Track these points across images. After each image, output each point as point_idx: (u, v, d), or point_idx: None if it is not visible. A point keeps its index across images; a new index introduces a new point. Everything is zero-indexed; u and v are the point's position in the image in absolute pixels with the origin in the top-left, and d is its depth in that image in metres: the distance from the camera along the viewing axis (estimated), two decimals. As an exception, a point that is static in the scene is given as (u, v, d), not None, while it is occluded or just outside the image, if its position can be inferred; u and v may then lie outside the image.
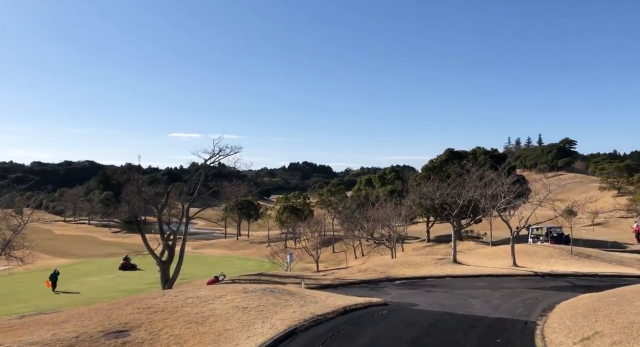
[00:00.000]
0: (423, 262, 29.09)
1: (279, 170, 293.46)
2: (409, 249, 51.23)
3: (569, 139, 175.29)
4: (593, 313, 11.23)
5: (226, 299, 13.51)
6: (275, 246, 52.13)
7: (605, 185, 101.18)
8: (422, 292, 19.67)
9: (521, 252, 30.99)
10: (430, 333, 11.31)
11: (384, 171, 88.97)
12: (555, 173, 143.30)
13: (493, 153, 57.23)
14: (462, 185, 32.34)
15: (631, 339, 8.03)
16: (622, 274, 24.27)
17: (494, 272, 24.89)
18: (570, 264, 27.90)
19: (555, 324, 11.66)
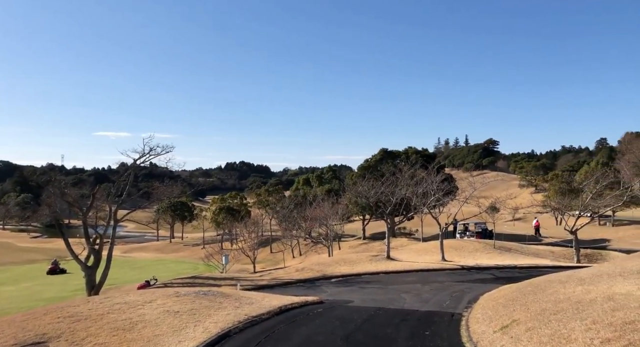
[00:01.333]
0: (358, 259, 29.70)
1: (215, 170, 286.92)
2: (346, 247, 52.15)
3: (492, 140, 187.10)
4: (512, 303, 12.04)
5: (156, 304, 12.99)
6: (210, 248, 50.95)
7: (524, 182, 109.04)
8: (357, 289, 20.08)
9: (449, 247, 32.59)
10: (364, 329, 11.58)
11: (321, 171, 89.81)
12: (480, 172, 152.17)
13: (424, 153, 59.70)
14: (395, 183, 33.38)
15: (542, 325, 8.70)
16: (538, 265, 26.26)
17: (425, 267, 25.93)
18: (493, 257, 29.76)
19: (478, 314, 12.36)
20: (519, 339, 8.59)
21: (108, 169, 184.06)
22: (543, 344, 7.79)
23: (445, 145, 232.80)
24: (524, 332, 8.88)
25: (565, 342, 7.48)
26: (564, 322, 8.47)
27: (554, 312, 9.40)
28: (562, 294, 10.79)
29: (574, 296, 10.30)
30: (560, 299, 10.32)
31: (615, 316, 7.77)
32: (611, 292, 9.72)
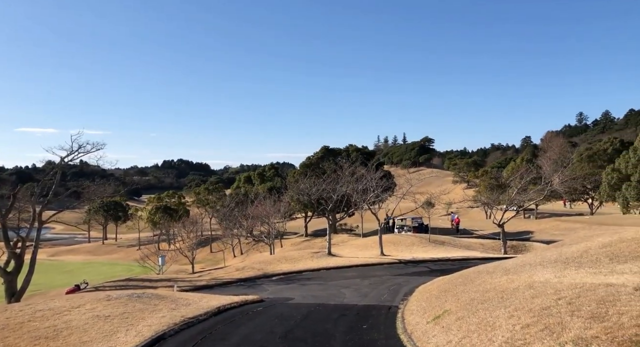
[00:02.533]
0: (300, 256, 29.81)
1: (151, 169, 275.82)
2: (288, 244, 52.10)
3: (428, 138, 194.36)
4: (444, 294, 12.59)
5: (85, 309, 12.28)
6: (146, 249, 48.99)
7: (457, 179, 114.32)
8: (298, 286, 20.14)
9: (388, 242, 33.54)
10: (303, 325, 11.63)
11: (263, 168, 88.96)
12: (417, 168, 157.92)
13: (364, 150, 60.86)
14: (336, 180, 33.80)
15: (471, 314, 9.18)
16: (469, 257, 27.68)
17: (364, 262, 26.51)
18: (429, 251, 30.98)
19: (413, 306, 12.82)
20: (450, 328, 9.00)
21: (32, 167, 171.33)
22: (471, 332, 8.21)
23: (384, 143, 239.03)
24: (454, 321, 9.32)
25: (490, 329, 7.93)
26: (490, 310, 8.98)
27: (481, 301, 9.95)
28: (489, 284, 11.44)
29: (500, 285, 10.95)
30: (487, 289, 10.93)
31: (534, 302, 8.35)
32: (532, 280, 10.43)
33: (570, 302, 7.75)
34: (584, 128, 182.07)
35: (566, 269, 11.55)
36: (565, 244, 16.63)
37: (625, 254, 11.99)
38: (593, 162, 70.24)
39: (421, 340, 9.22)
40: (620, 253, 12.12)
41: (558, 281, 9.69)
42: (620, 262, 11.41)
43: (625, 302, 7.05)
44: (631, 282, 8.34)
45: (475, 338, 7.89)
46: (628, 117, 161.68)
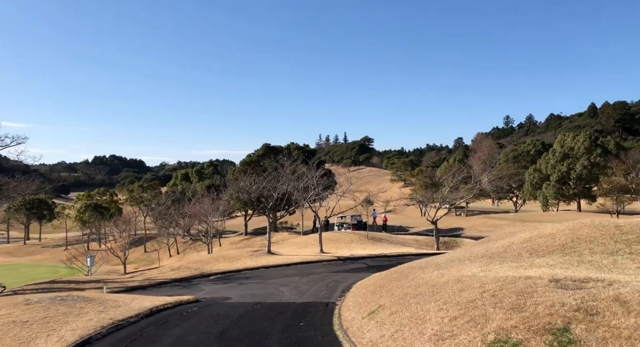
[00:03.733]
0: (239, 255, 29.39)
1: (80, 165, 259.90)
2: (227, 243, 51.15)
3: (368, 137, 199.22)
4: (379, 289, 12.93)
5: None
6: (74, 250, 46.12)
7: (395, 177, 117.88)
8: (236, 285, 19.85)
9: (328, 239, 33.92)
10: (239, 325, 11.47)
11: (202, 165, 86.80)
12: (357, 167, 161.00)
13: (305, 148, 61.04)
14: (277, 178, 33.65)
15: (404, 308, 9.50)
16: (405, 253, 28.59)
17: (304, 260, 26.60)
18: (367, 248, 31.68)
19: (350, 302, 13.05)
20: (383, 323, 9.26)
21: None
22: (403, 326, 8.50)
23: (326, 142, 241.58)
24: (387, 316, 9.59)
25: (421, 323, 8.25)
26: (421, 304, 9.33)
27: (414, 295, 10.32)
28: (421, 279, 11.88)
29: (431, 280, 11.41)
30: (420, 284, 11.35)
31: (461, 296, 8.78)
32: (460, 275, 10.97)
33: (494, 294, 8.23)
34: (510, 130, 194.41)
35: (491, 263, 12.27)
36: (491, 240, 17.64)
37: (543, 248, 12.94)
38: (518, 162, 75.25)
39: (356, 335, 9.40)
40: (539, 248, 13.06)
41: (484, 274, 10.26)
42: (538, 256, 12.30)
43: (541, 293, 7.60)
44: (547, 274, 9.01)
45: (407, 331, 8.17)
46: (549, 121, 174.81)
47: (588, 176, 59.41)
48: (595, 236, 12.79)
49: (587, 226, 13.91)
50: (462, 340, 6.83)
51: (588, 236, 12.99)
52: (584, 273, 9.05)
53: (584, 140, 62.72)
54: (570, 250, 12.20)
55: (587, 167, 59.09)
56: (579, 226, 14.16)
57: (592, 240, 12.58)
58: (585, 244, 12.42)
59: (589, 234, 13.06)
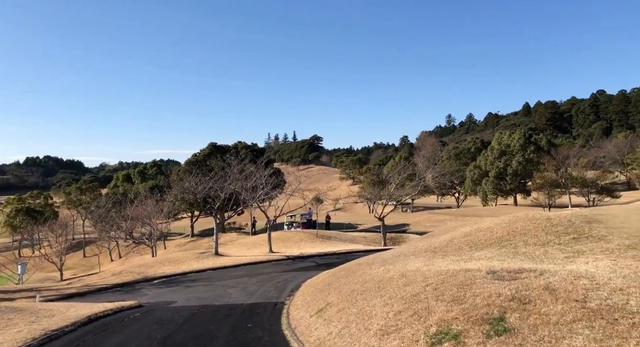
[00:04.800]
0: (185, 257, 28.62)
1: (11, 166, 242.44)
2: (172, 245, 49.66)
3: (317, 136, 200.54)
4: (327, 287, 13.01)
5: None
6: (2, 257, 42.97)
7: (344, 176, 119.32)
8: (181, 288, 19.28)
9: (277, 239, 33.76)
10: (184, 329, 11.15)
11: (145, 166, 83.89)
12: (307, 166, 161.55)
13: (254, 147, 60.46)
14: (224, 178, 33.04)
15: (351, 305, 9.62)
16: (353, 250, 29.03)
17: (252, 260, 26.33)
18: (316, 246, 31.85)
19: (299, 301, 13.04)
20: (331, 320, 9.32)
21: None
22: (350, 323, 8.60)
23: (275, 141, 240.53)
24: (335, 313, 9.67)
25: (367, 318, 8.38)
26: (367, 300, 9.48)
27: (360, 292, 10.47)
28: (368, 275, 12.08)
29: (377, 275, 11.63)
30: (367, 280, 11.54)
31: (406, 290, 9.01)
32: (405, 269, 11.25)
33: (436, 288, 8.50)
34: (452, 129, 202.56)
35: (434, 257, 12.69)
36: (434, 235, 18.24)
37: (482, 241, 13.54)
38: (459, 159, 78.51)
39: (304, 334, 9.40)
40: (478, 241, 13.65)
41: (427, 269, 10.58)
42: (478, 249, 12.86)
43: (479, 285, 7.94)
44: (485, 267, 9.43)
45: (353, 328, 8.27)
46: (487, 120, 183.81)
47: (523, 171, 63.05)
48: (529, 229, 13.54)
49: (521, 220, 14.70)
50: (406, 334, 7.00)
51: (522, 228, 13.73)
52: (519, 264, 9.55)
53: (519, 138, 66.49)
54: (506, 242, 12.84)
55: (522, 163, 62.68)
56: (514, 219, 14.95)
57: (526, 232, 13.30)
58: (519, 236, 13.12)
59: (523, 227, 13.81)
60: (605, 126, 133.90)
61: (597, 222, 13.15)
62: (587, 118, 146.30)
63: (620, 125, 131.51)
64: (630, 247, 10.04)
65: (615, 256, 9.45)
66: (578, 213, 15.00)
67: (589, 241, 11.33)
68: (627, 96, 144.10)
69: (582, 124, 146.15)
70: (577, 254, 10.20)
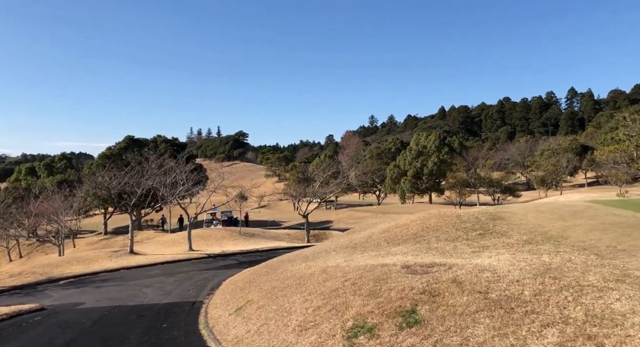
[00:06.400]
0: (96, 256, 26.91)
1: None
2: (83, 244, 46.29)
3: (243, 132, 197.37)
4: (248, 285, 12.88)
5: None
6: None
7: (270, 173, 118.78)
8: (91, 289, 18.07)
9: (198, 236, 32.80)
10: (92, 331, 10.45)
11: (52, 159, 77.70)
12: (232, 162, 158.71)
13: (174, 142, 58.12)
14: (141, 173, 31.43)
15: (271, 302, 9.61)
16: (276, 247, 29.01)
17: (171, 259, 25.37)
18: (239, 244, 31.40)
19: (218, 300, 12.78)
20: (250, 318, 9.24)
21: None
22: (269, 320, 8.58)
23: (198, 136, 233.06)
24: (255, 310, 9.60)
25: (287, 315, 8.42)
26: (288, 296, 9.52)
27: (281, 289, 10.48)
28: (289, 272, 12.14)
29: (299, 272, 11.72)
30: (288, 277, 11.58)
31: (325, 286, 9.17)
32: (326, 265, 11.45)
33: (354, 283, 8.75)
34: (375, 129, 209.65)
35: (354, 253, 13.06)
36: (355, 232, 18.78)
37: (399, 237, 14.18)
38: (381, 159, 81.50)
39: (222, 333, 9.23)
40: (395, 237, 14.27)
41: (347, 264, 10.86)
42: (394, 244, 13.44)
43: (394, 279, 8.29)
44: (400, 261, 9.87)
45: (272, 325, 8.26)
46: (407, 122, 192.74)
47: (437, 171, 66.94)
48: (441, 225, 14.41)
49: (434, 217, 15.60)
50: (324, 328, 7.13)
51: (435, 225, 14.58)
52: (431, 259, 10.12)
53: (435, 140, 70.49)
54: (420, 238, 13.56)
55: (437, 163, 66.51)
56: (428, 216, 15.82)
57: (438, 229, 14.14)
58: (432, 232, 13.92)
59: (436, 224, 14.67)
60: (510, 131, 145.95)
61: (500, 219, 14.31)
62: (495, 123, 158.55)
63: (523, 130, 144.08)
64: (527, 242, 11.05)
65: (515, 250, 10.34)
66: (484, 211, 16.22)
67: (493, 237, 12.30)
68: (528, 104, 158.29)
69: (490, 128, 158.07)
70: (483, 248, 11.02)
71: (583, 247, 9.55)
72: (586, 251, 9.03)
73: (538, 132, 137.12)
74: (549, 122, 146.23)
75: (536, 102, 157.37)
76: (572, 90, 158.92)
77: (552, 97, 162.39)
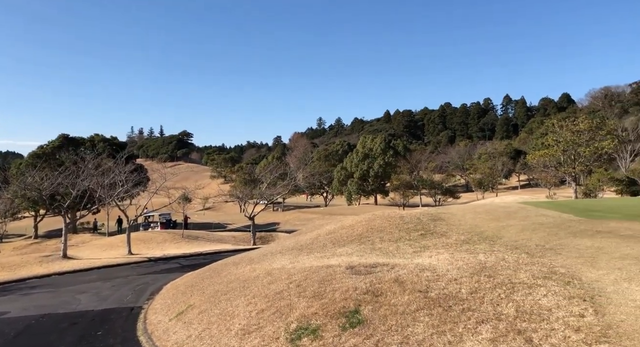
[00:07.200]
0: (24, 262, 25.12)
1: None
2: (9, 249, 43.07)
3: (187, 132, 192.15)
4: (190, 289, 12.52)
5: None
6: None
7: (215, 174, 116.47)
8: (17, 297, 16.81)
9: (138, 239, 31.52)
10: (17, 342, 9.71)
11: (-26, 156, 71.72)
12: (175, 163, 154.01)
13: (113, 141, 55.56)
14: (76, 174, 29.77)
15: (213, 306, 9.38)
16: (221, 250, 28.45)
17: (108, 263, 24.21)
18: (181, 247, 30.49)
19: (158, 305, 12.31)
20: (191, 323, 8.97)
21: None
22: (211, 324, 8.37)
23: (139, 135, 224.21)
24: (196, 315, 9.33)
25: (229, 319, 8.25)
26: (231, 300, 9.34)
27: (225, 292, 10.27)
28: (233, 275, 11.92)
29: (243, 275, 11.54)
30: (232, 280, 11.37)
31: (270, 288, 9.09)
32: (271, 268, 11.36)
33: (299, 284, 8.74)
34: (322, 131, 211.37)
35: (300, 255, 13.05)
36: (301, 233, 18.78)
37: (344, 238, 14.33)
38: (328, 161, 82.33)
39: (161, 339, 8.90)
40: (341, 238, 14.42)
41: (292, 266, 10.82)
42: (340, 245, 13.56)
43: (338, 280, 8.37)
44: (345, 262, 9.98)
45: (214, 329, 8.07)
46: (354, 125, 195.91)
47: (383, 173, 68.55)
48: (385, 226, 14.72)
49: (379, 218, 15.92)
50: (267, 331, 7.05)
51: (379, 226, 14.88)
52: (374, 259, 10.30)
53: (380, 143, 72.14)
54: (365, 239, 13.78)
55: (382, 166, 68.09)
56: (373, 217, 16.12)
57: (382, 229, 14.43)
58: (377, 233, 14.18)
59: (380, 225, 14.97)
60: (450, 135, 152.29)
61: (440, 220, 14.85)
62: (437, 127, 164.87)
63: (462, 134, 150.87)
64: (465, 242, 11.53)
65: (453, 249, 10.76)
66: (425, 212, 16.77)
67: (434, 237, 12.73)
68: (467, 110, 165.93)
69: (432, 132, 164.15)
70: (424, 248, 11.37)
71: (515, 246, 10.09)
72: (518, 250, 9.56)
73: (476, 136, 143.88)
74: (486, 127, 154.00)
75: (474, 108, 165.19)
76: (507, 97, 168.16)
77: (489, 103, 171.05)
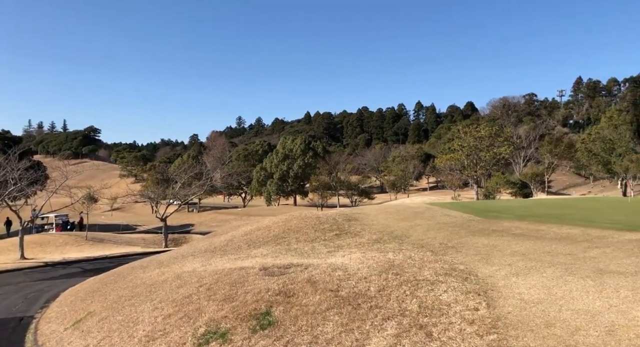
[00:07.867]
0: None
1: None
2: None
3: (94, 128, 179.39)
4: (91, 295, 11.62)
5: None
6: None
7: (125, 172, 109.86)
8: None
9: (33, 243, 28.77)
10: None
11: None
12: (80, 160, 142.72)
13: (5, 135, 50.28)
14: (-42, 170, 26.44)
15: (116, 313, 8.77)
16: (129, 253, 26.84)
17: (-4, 270, 21.75)
18: (84, 250, 28.31)
19: (53, 313, 11.28)
20: (90, 331, 8.32)
21: None
22: (112, 332, 7.82)
23: (38, 129, 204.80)
24: (96, 323, 8.67)
25: (133, 325, 7.76)
26: (136, 306, 8.80)
27: (129, 297, 9.66)
28: (140, 279, 11.26)
29: (151, 279, 10.94)
30: (138, 284, 10.74)
31: (179, 292, 8.70)
32: (181, 271, 10.89)
33: (210, 288, 8.46)
34: (242, 130, 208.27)
35: (213, 257, 12.67)
36: (216, 235, 18.29)
37: (260, 239, 14.19)
38: (248, 161, 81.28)
39: (54, 352, 8.15)
40: (257, 239, 14.25)
41: (204, 269, 10.47)
42: (255, 247, 13.39)
43: (251, 282, 8.23)
44: (259, 264, 9.86)
45: (116, 337, 7.55)
46: (274, 125, 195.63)
47: (302, 174, 69.13)
48: (301, 227, 14.80)
49: (296, 218, 15.99)
50: (174, 337, 6.73)
51: (296, 226, 14.93)
52: (289, 260, 10.30)
53: (301, 144, 72.71)
54: (281, 240, 13.74)
55: (302, 166, 68.66)
56: (290, 218, 16.16)
57: (298, 230, 14.50)
58: (293, 234, 14.22)
59: (297, 225, 15.03)
60: (367, 138, 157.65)
61: (354, 220, 15.26)
62: (355, 130, 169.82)
63: (378, 138, 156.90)
64: (376, 241, 11.94)
65: (365, 249, 11.09)
66: (341, 212, 17.15)
67: (348, 237, 13.04)
68: (383, 114, 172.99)
69: (350, 134, 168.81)
70: (338, 248, 11.59)
71: (421, 244, 10.65)
72: (424, 248, 10.08)
73: (391, 140, 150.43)
74: (400, 131, 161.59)
75: (389, 113, 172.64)
76: (418, 103, 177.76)
77: (403, 109, 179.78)
